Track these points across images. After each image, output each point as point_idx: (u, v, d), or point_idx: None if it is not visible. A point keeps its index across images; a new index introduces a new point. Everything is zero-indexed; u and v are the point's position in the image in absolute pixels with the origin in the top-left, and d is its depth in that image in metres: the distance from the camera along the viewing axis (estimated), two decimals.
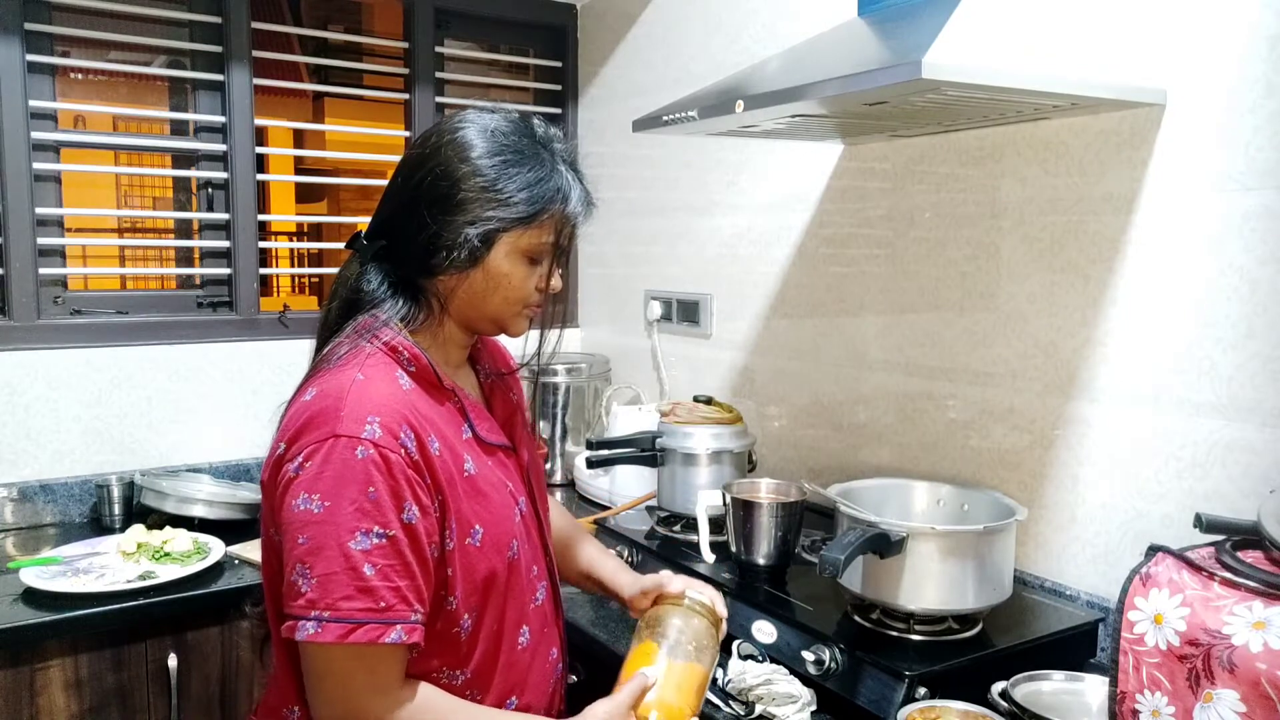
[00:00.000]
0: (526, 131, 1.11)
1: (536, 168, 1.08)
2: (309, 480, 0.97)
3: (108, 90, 2.59)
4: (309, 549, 0.95)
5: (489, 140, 1.07)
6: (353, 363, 1.04)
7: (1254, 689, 0.97)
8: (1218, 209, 1.35)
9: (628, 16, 2.63)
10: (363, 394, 1.00)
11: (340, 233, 6.52)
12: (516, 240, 1.08)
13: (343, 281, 1.15)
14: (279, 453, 1.02)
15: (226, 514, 2.15)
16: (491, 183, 1.06)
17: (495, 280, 1.09)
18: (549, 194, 1.08)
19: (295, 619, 0.96)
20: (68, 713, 1.70)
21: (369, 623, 0.95)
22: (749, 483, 1.77)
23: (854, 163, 1.95)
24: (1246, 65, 1.30)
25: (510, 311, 1.13)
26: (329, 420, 0.98)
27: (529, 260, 1.10)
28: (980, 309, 1.70)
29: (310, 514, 0.96)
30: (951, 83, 1.16)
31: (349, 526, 0.95)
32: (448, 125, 1.10)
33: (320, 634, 0.94)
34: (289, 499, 0.97)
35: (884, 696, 1.26)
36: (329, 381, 1.03)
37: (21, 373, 2.16)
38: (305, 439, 0.99)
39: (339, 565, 0.95)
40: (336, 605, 0.94)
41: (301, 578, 0.95)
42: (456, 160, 1.06)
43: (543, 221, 1.09)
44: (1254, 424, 1.32)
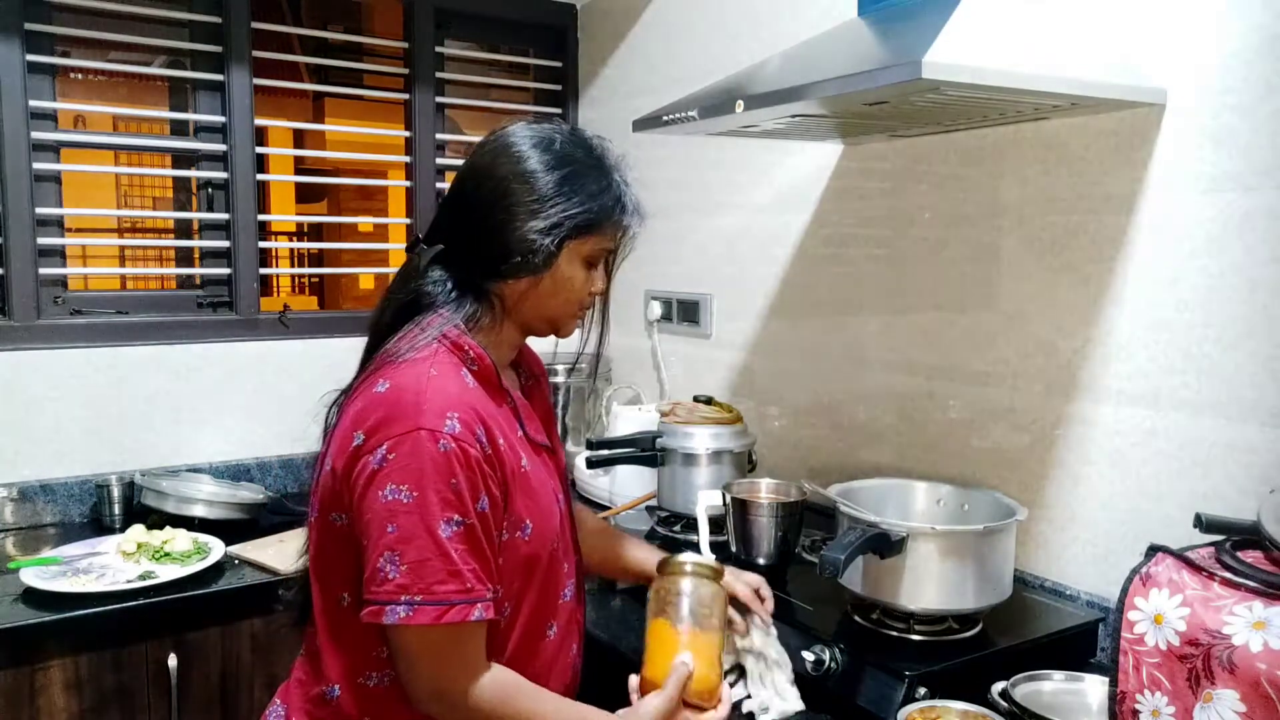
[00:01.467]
0: (583, 143, 1.17)
1: (599, 177, 1.15)
2: (396, 471, 1.01)
3: (108, 90, 2.60)
4: (399, 537, 1.00)
5: (552, 152, 1.13)
6: (424, 358, 1.08)
7: (1254, 689, 0.97)
8: (1218, 209, 1.35)
9: (628, 16, 2.63)
10: (440, 389, 1.05)
11: (340, 233, 6.54)
12: (581, 246, 1.14)
13: (402, 282, 1.19)
14: (356, 443, 1.04)
15: (226, 514, 2.15)
16: (561, 191, 1.11)
17: (559, 284, 1.15)
18: (611, 202, 1.15)
19: (381, 604, 1.00)
20: (68, 713, 1.70)
21: (459, 603, 1.01)
22: (749, 483, 1.77)
23: (854, 163, 1.95)
24: (1246, 65, 1.30)
25: (567, 313, 1.19)
26: (410, 414, 1.03)
27: (588, 265, 1.17)
28: (980, 309, 1.70)
29: (399, 503, 1.00)
30: (951, 83, 1.16)
31: (437, 515, 1.00)
32: (509, 137, 1.15)
33: (413, 617, 1.00)
34: (374, 489, 1.01)
35: (884, 696, 1.26)
36: (403, 375, 1.07)
37: (21, 373, 2.16)
38: (387, 431, 1.02)
39: (431, 551, 1.00)
40: (431, 589, 1.00)
41: (390, 564, 1.00)
42: (525, 170, 1.12)
43: (605, 229, 1.15)
44: (1254, 424, 1.32)
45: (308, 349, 2.49)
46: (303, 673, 1.17)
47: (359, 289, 8.79)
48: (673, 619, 1.20)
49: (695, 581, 1.22)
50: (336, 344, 2.53)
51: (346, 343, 2.54)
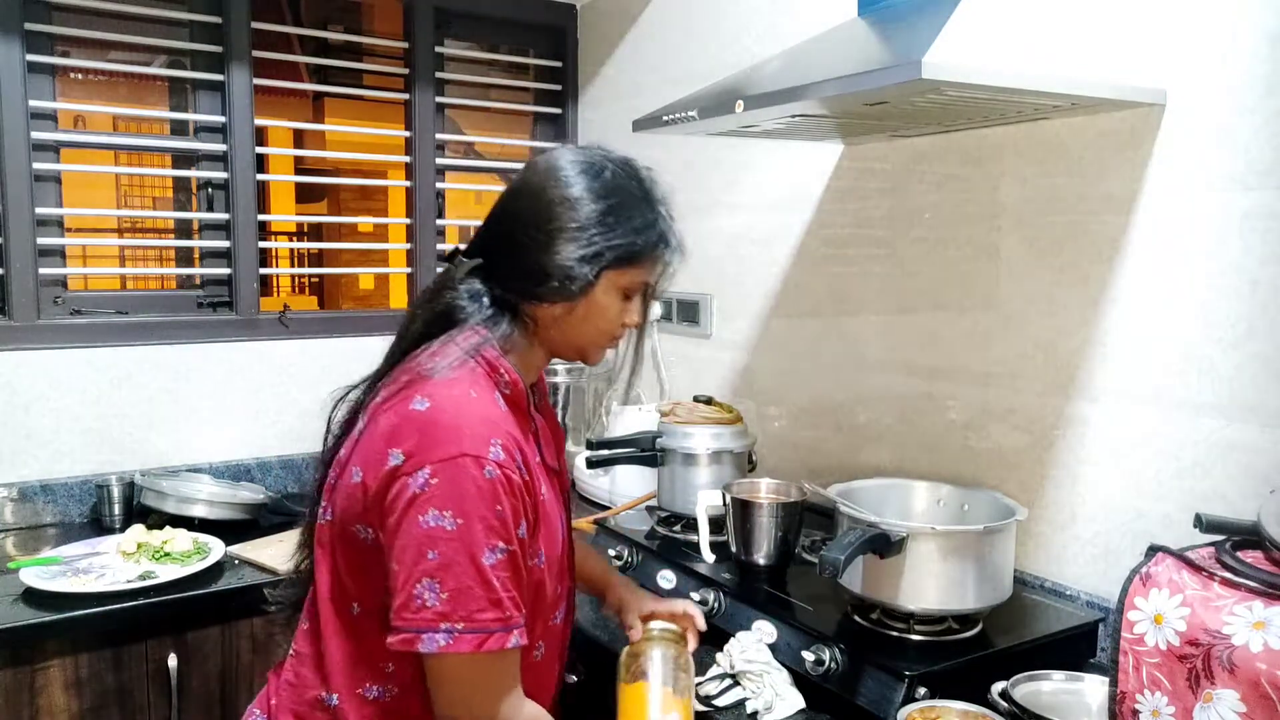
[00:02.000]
0: (633, 174, 1.17)
1: (645, 210, 1.15)
2: (439, 497, 0.99)
3: (108, 90, 2.60)
4: (440, 564, 0.99)
5: (601, 180, 1.13)
6: (462, 379, 1.07)
7: (1254, 689, 0.97)
8: (1218, 209, 1.35)
9: (628, 16, 2.63)
10: (482, 414, 1.05)
11: (340, 233, 6.54)
12: (620, 277, 1.14)
13: (435, 293, 1.18)
14: (395, 463, 1.02)
15: (226, 514, 2.15)
16: (607, 223, 1.11)
17: (593, 313, 1.15)
18: (655, 237, 1.15)
19: (417, 632, 0.99)
20: (68, 713, 1.70)
21: (498, 631, 1.01)
22: (749, 483, 1.77)
23: (854, 163, 1.95)
24: (1246, 65, 1.30)
25: (597, 343, 1.19)
26: (453, 438, 1.01)
27: (624, 296, 1.17)
28: (980, 309, 1.70)
29: (442, 530, 0.99)
30: (951, 83, 1.16)
31: (481, 543, 1.00)
32: (559, 160, 1.15)
33: (454, 645, 0.99)
34: (414, 513, 1.00)
35: (884, 696, 1.26)
36: (442, 394, 1.05)
37: (21, 373, 2.16)
38: (429, 454, 1.01)
39: (473, 580, 0.99)
40: (472, 617, 0.99)
41: (430, 592, 0.99)
42: (575, 197, 1.11)
43: (645, 262, 1.15)
44: (1254, 424, 1.32)
45: (308, 349, 2.49)
46: (295, 675, 1.15)
47: (359, 289, 8.80)
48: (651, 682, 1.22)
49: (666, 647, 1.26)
50: (336, 344, 2.53)
51: (346, 343, 2.55)
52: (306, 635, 1.16)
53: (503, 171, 3.05)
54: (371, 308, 7.51)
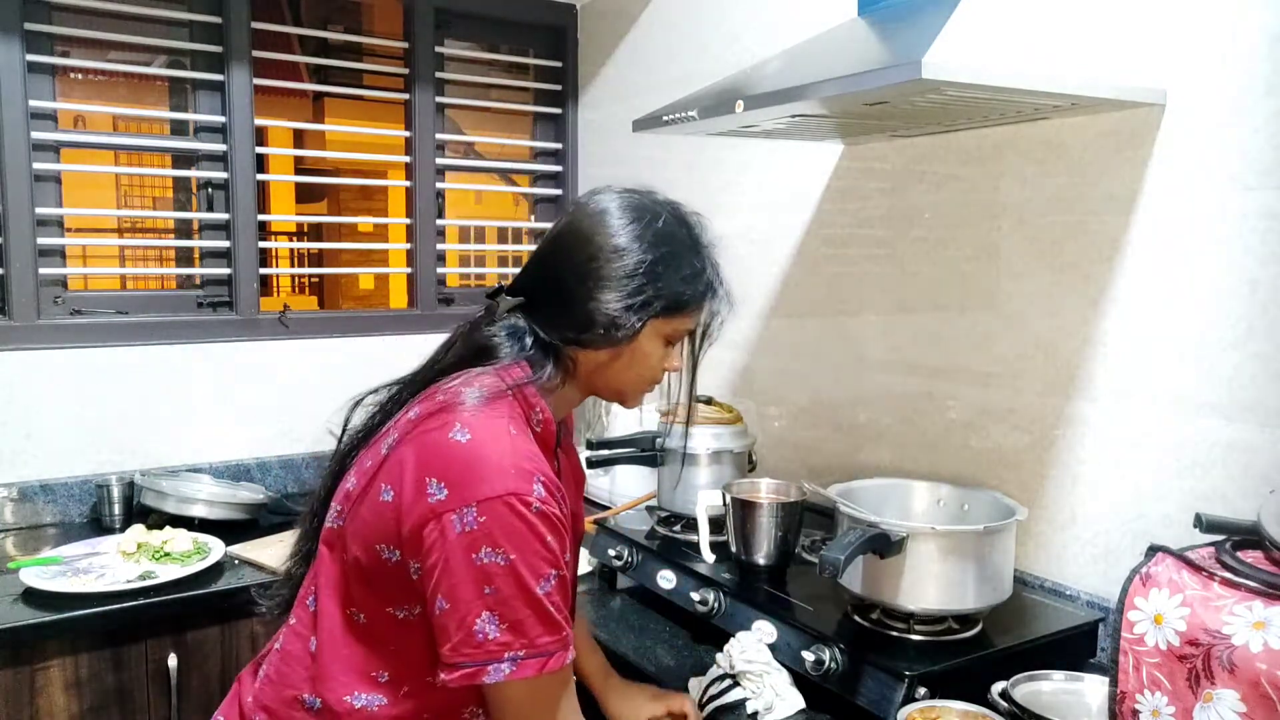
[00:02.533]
0: (684, 221, 1.18)
1: (693, 259, 1.15)
2: (490, 535, 1.00)
3: (108, 90, 2.60)
4: (498, 599, 1.00)
5: (655, 229, 1.13)
6: (500, 411, 1.07)
7: (1254, 689, 0.97)
8: (1218, 209, 1.35)
9: (628, 16, 2.63)
10: (524, 452, 1.05)
11: (340, 233, 6.54)
12: (663, 325, 1.14)
13: (475, 328, 1.18)
14: (437, 496, 1.01)
15: (226, 514, 2.15)
16: (655, 272, 1.11)
17: (636, 360, 1.15)
18: (702, 287, 1.16)
19: (482, 665, 1.00)
20: (68, 713, 1.70)
21: (558, 651, 1.03)
22: (749, 483, 1.77)
23: (854, 163, 1.95)
24: (1246, 65, 1.30)
25: (637, 388, 1.20)
26: (498, 476, 1.01)
27: (667, 342, 1.17)
28: (980, 309, 1.70)
29: (497, 566, 1.00)
30: (951, 83, 1.16)
31: (535, 573, 1.01)
32: (609, 204, 1.15)
33: (518, 671, 1.00)
34: (466, 551, 1.00)
35: (884, 696, 1.26)
36: (483, 428, 1.05)
37: (21, 373, 2.16)
38: (475, 492, 1.01)
39: (531, 609, 1.01)
40: (534, 643, 1.01)
41: (491, 625, 1.00)
42: (623, 245, 1.11)
43: (691, 312, 1.16)
44: (1254, 424, 1.32)
45: (308, 349, 2.49)
46: (278, 673, 1.14)
47: (359, 289, 8.80)
48: None
49: None
50: (336, 344, 2.53)
51: (346, 343, 2.55)
52: (295, 634, 1.15)
53: (503, 171, 3.06)
54: (371, 308, 7.51)
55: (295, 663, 1.13)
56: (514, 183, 3.08)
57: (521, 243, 3.75)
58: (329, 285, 8.65)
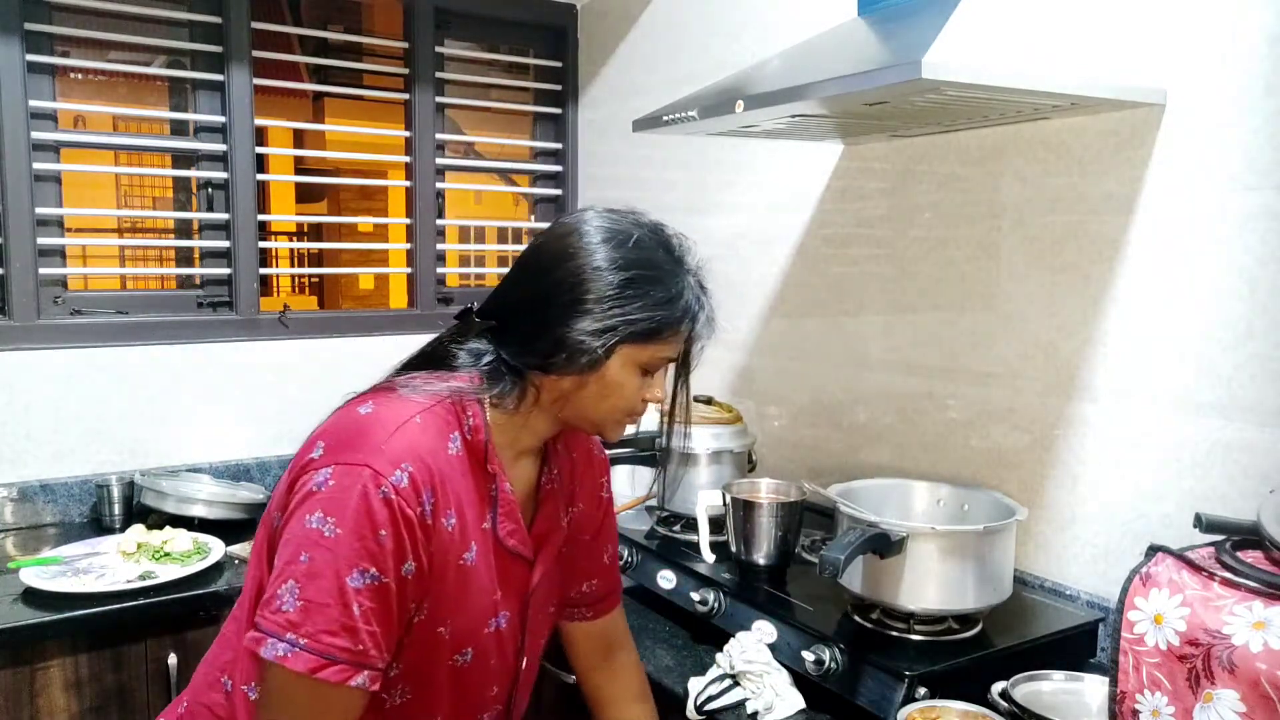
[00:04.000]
0: (664, 243, 1.11)
1: (671, 284, 1.08)
2: (328, 501, 0.95)
3: (108, 90, 2.60)
4: (307, 571, 0.94)
5: (628, 251, 1.06)
6: (417, 403, 1.03)
7: (1254, 689, 0.97)
8: (1217, 209, 1.35)
9: (628, 16, 2.63)
10: (410, 438, 0.99)
11: (340, 233, 6.55)
12: (637, 353, 1.07)
13: (440, 347, 1.13)
14: (312, 455, 1.00)
15: (226, 514, 2.15)
16: (625, 296, 1.04)
17: (607, 389, 1.07)
18: (679, 313, 1.08)
19: (265, 634, 0.94)
20: (68, 713, 1.70)
21: (343, 662, 0.94)
22: (749, 483, 1.77)
23: (854, 163, 1.95)
24: (1246, 65, 1.30)
25: (612, 419, 1.12)
26: (369, 449, 0.97)
27: (643, 371, 1.10)
28: (980, 309, 1.70)
29: (320, 535, 0.94)
30: (951, 83, 1.16)
31: (351, 561, 0.94)
32: (583, 226, 1.08)
33: (289, 660, 0.92)
34: (302, 510, 0.96)
35: (884, 696, 1.26)
36: (389, 408, 1.02)
37: (21, 373, 2.16)
38: (339, 456, 0.97)
39: (331, 598, 0.93)
40: (317, 636, 0.93)
41: (289, 595, 0.93)
42: (593, 267, 1.04)
43: (666, 338, 1.08)
44: (1254, 424, 1.32)
45: (307, 349, 2.49)
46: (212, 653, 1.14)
47: (359, 289, 8.80)
48: None
49: None
50: (336, 344, 2.53)
51: (346, 342, 2.55)
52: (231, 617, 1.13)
53: (503, 171, 3.06)
54: (371, 308, 7.51)
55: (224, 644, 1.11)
56: (514, 183, 3.08)
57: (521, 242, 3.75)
58: (329, 285, 8.65)
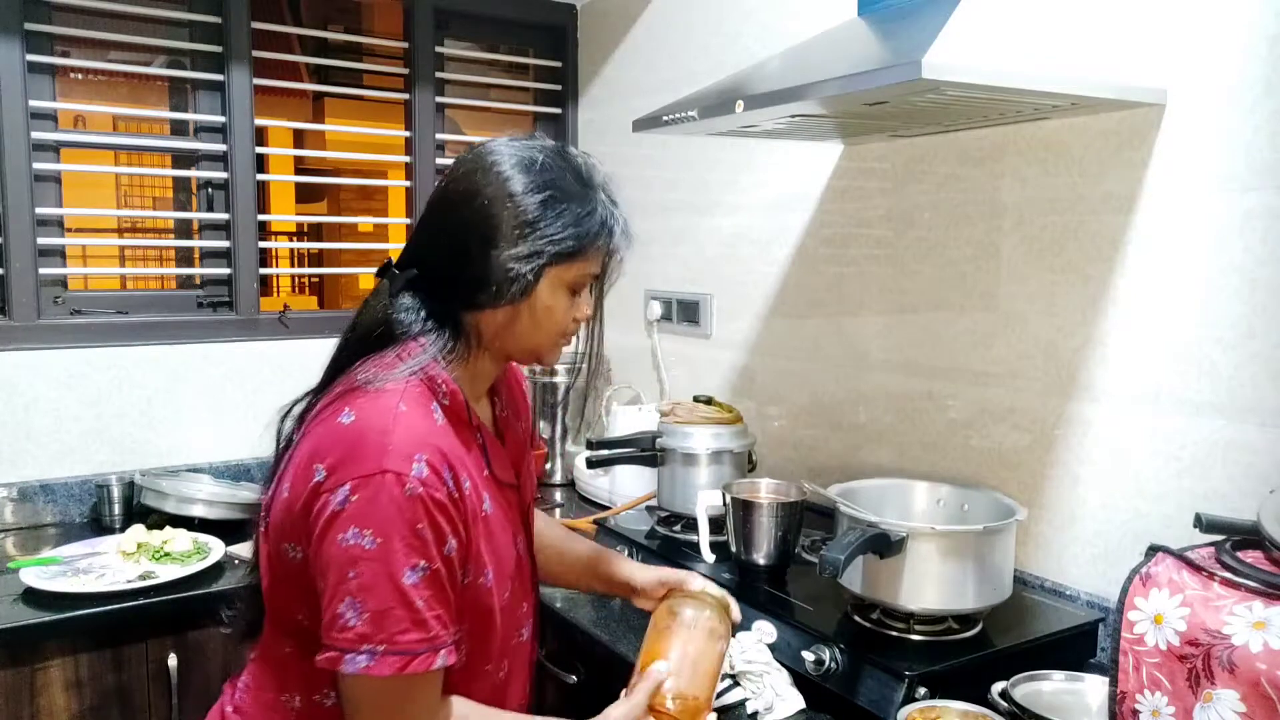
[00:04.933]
0: (570, 164, 1.10)
1: (582, 201, 1.08)
2: (359, 514, 0.96)
3: (108, 90, 2.59)
4: (361, 585, 0.95)
5: (534, 174, 1.06)
6: (392, 391, 1.03)
7: (1254, 689, 0.97)
8: (1218, 209, 1.35)
9: (628, 16, 2.63)
10: (407, 428, 1.00)
11: (340, 233, 6.54)
12: (563, 273, 1.07)
13: (369, 310, 1.13)
14: (317, 478, 0.99)
15: (226, 514, 2.15)
16: (540, 218, 1.04)
17: (540, 314, 1.08)
18: (595, 228, 1.08)
19: (340, 651, 0.96)
20: (68, 713, 1.70)
21: (422, 652, 0.97)
22: (749, 483, 1.77)
23: (854, 163, 1.95)
24: (1246, 65, 1.30)
25: (549, 343, 1.13)
26: (375, 453, 0.97)
27: (571, 292, 1.11)
28: (980, 309, 1.70)
29: (361, 549, 0.95)
30: (951, 83, 1.16)
31: (402, 563, 0.96)
32: (487, 159, 1.08)
33: (375, 667, 0.95)
34: (335, 531, 0.96)
35: (884, 696, 1.26)
36: (370, 408, 1.01)
37: (21, 373, 2.16)
38: (350, 470, 0.97)
39: (394, 601, 0.95)
40: (394, 639, 0.95)
41: (351, 611, 0.95)
42: (503, 195, 1.05)
43: (590, 254, 1.09)
44: (1254, 424, 1.32)
45: (308, 349, 2.49)
46: (253, 678, 1.14)
47: (359, 289, 8.78)
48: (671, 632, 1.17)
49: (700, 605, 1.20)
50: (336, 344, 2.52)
51: None
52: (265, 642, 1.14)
53: None
54: None
55: (267, 667, 1.12)
56: None
57: None
58: (329, 285, 8.64)
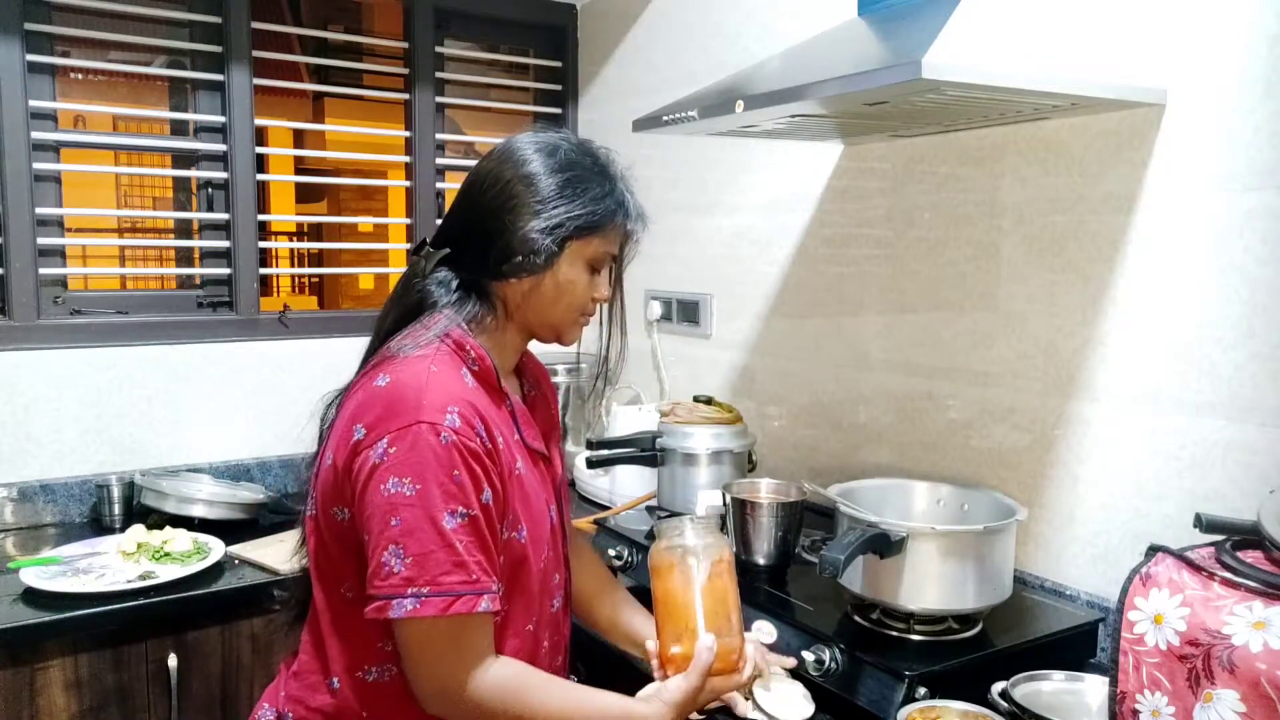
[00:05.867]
0: (588, 151, 1.20)
1: (601, 182, 1.17)
2: (398, 464, 1.01)
3: (108, 90, 2.60)
4: (403, 530, 1.00)
5: (557, 157, 1.16)
6: (425, 355, 1.10)
7: (1254, 689, 0.97)
8: (1218, 209, 1.35)
9: (628, 16, 2.63)
10: (440, 384, 1.06)
11: (340, 233, 6.55)
12: (584, 248, 1.16)
13: (407, 285, 1.20)
14: (356, 438, 1.05)
15: (226, 514, 2.15)
16: (564, 193, 1.14)
17: (561, 287, 1.16)
18: (614, 206, 1.17)
19: (387, 598, 1.01)
20: (68, 713, 1.70)
21: (465, 594, 1.02)
22: (749, 483, 1.77)
23: (854, 163, 1.95)
24: (1246, 65, 1.30)
25: (569, 319, 1.20)
26: (411, 408, 1.03)
27: (590, 269, 1.18)
28: (980, 309, 1.70)
29: (402, 496, 1.01)
30: (951, 83, 1.16)
31: (441, 506, 1.01)
32: (513, 145, 1.18)
33: (421, 609, 1.00)
34: (375, 483, 1.02)
35: (884, 696, 1.26)
36: (404, 370, 1.08)
37: (21, 373, 2.16)
38: (388, 425, 1.03)
39: (435, 543, 1.01)
40: (437, 580, 1.00)
41: (395, 558, 1.00)
42: (527, 175, 1.14)
43: (608, 232, 1.17)
44: (1254, 424, 1.32)
45: (307, 349, 2.49)
46: (300, 665, 1.18)
47: (359, 289, 8.80)
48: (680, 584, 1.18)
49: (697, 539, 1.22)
50: (336, 344, 2.53)
51: (346, 343, 2.54)
52: (308, 625, 1.18)
53: None
54: (371, 308, 7.49)
55: (311, 651, 1.16)
56: None
57: None
58: (329, 285, 8.65)
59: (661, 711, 1.12)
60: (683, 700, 1.13)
